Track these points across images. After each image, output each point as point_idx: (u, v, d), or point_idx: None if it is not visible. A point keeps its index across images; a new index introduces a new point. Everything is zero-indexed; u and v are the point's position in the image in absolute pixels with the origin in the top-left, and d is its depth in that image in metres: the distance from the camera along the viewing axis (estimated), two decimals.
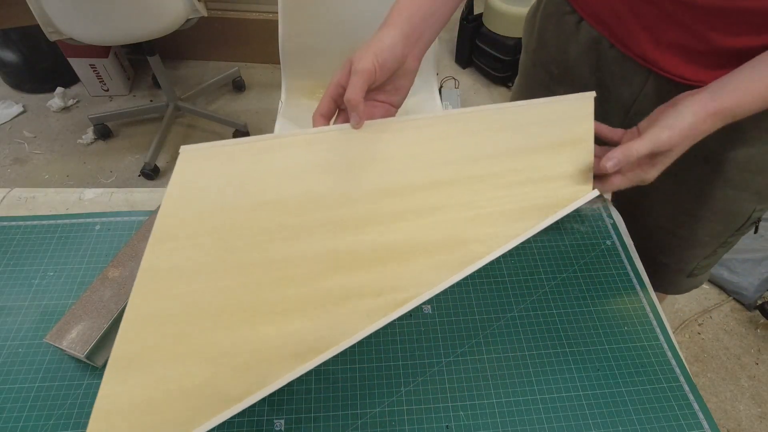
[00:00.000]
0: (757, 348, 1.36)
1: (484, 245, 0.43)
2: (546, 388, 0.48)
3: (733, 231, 0.65)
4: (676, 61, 0.52)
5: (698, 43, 0.49)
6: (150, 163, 1.65)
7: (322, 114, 0.48)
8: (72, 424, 0.45)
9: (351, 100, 0.45)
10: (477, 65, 2.11)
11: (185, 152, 0.48)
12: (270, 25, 1.98)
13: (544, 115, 0.51)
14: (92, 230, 0.59)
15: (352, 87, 0.45)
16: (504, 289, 0.56)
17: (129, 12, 1.31)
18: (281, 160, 0.47)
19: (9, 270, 0.55)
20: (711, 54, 0.49)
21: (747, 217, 0.63)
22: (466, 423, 0.46)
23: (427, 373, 0.49)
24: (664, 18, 0.50)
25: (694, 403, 0.48)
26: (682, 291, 0.77)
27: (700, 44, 0.49)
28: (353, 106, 0.46)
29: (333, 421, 0.46)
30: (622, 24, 0.54)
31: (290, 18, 1.09)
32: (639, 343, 0.52)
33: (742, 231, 0.65)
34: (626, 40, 0.55)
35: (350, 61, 0.47)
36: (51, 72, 1.89)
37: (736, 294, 1.45)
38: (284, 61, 1.17)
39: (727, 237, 0.66)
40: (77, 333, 0.46)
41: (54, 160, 1.74)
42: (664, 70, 0.53)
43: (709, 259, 0.70)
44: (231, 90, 2.02)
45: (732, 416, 1.24)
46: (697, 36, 0.49)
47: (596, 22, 0.58)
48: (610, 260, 0.59)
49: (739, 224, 0.64)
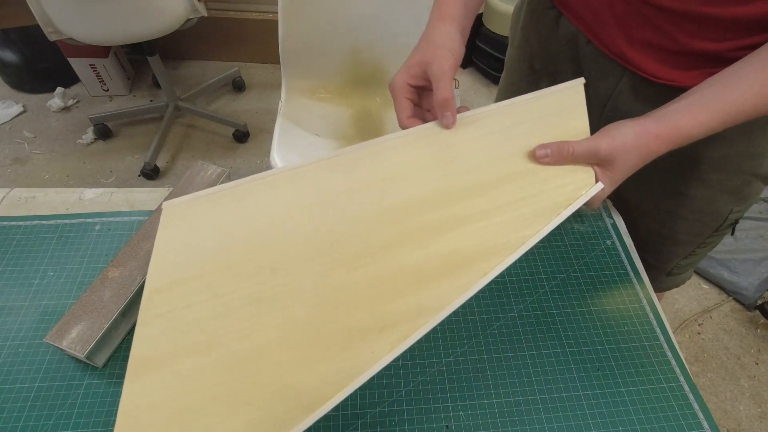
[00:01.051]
0: (757, 348, 1.36)
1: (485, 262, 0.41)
2: (546, 388, 0.48)
3: (711, 232, 0.65)
4: (649, 59, 0.52)
5: (669, 44, 0.50)
6: (150, 163, 1.65)
7: (409, 117, 0.48)
8: (72, 424, 0.45)
9: (448, 99, 0.46)
10: (477, 65, 2.12)
11: (168, 208, 0.48)
12: (270, 25, 1.98)
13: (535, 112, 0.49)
14: (92, 230, 0.59)
15: (445, 87, 0.45)
16: (504, 289, 0.56)
17: (129, 12, 1.30)
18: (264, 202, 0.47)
19: (9, 270, 0.55)
20: (681, 54, 0.50)
21: (724, 218, 0.63)
22: (466, 423, 0.46)
23: (427, 373, 0.49)
24: (638, 17, 0.50)
25: (694, 403, 0.48)
26: (662, 289, 0.77)
27: (670, 45, 0.50)
28: (449, 104, 0.46)
29: (333, 421, 0.46)
30: (599, 21, 0.55)
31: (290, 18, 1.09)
32: (639, 343, 0.52)
33: (721, 232, 0.66)
34: (602, 36, 0.55)
35: (419, 64, 0.47)
36: (51, 72, 1.89)
37: (736, 294, 1.45)
38: (284, 61, 1.17)
39: (705, 237, 0.67)
40: (77, 333, 0.46)
41: (54, 160, 1.74)
42: (638, 68, 0.54)
43: (688, 258, 0.71)
44: (231, 90, 2.02)
45: (732, 416, 1.24)
46: (668, 37, 0.49)
47: (574, 18, 0.58)
48: (610, 260, 0.59)
49: (717, 225, 0.64)
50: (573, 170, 0.46)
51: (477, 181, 0.46)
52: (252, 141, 1.83)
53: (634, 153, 0.43)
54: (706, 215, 0.63)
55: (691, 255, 0.70)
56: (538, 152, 0.45)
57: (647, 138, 0.43)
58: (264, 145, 1.81)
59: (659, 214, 0.65)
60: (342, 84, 1.24)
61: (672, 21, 0.48)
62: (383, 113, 1.24)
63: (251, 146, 1.81)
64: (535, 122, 0.48)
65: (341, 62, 1.19)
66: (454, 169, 0.47)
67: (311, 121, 1.19)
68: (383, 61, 1.19)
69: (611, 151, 0.43)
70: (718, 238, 0.68)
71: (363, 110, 1.25)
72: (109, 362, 0.49)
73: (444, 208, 0.44)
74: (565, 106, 0.49)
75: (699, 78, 0.46)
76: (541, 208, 0.44)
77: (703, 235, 0.66)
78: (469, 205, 0.44)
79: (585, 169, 0.45)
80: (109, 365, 0.49)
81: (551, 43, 0.63)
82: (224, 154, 1.78)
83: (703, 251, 0.70)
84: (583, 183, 0.45)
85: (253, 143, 1.82)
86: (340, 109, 1.24)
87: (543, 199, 0.44)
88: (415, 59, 0.47)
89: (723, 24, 0.45)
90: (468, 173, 0.46)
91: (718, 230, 0.65)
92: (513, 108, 0.50)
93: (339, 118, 1.23)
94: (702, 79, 0.45)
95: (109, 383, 0.47)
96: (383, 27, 1.12)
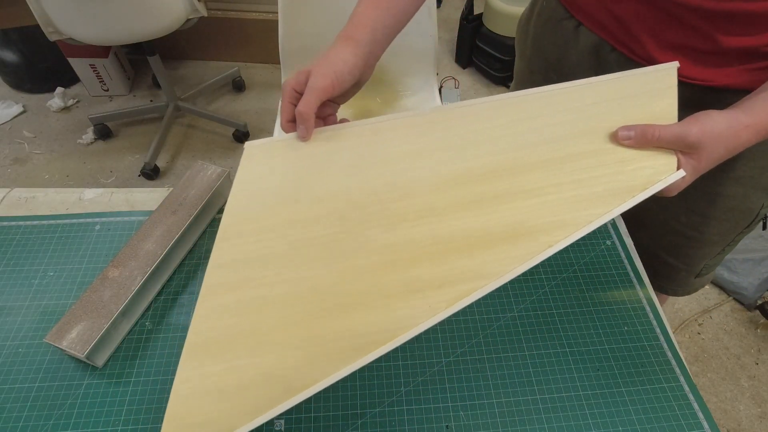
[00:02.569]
0: (757, 348, 1.36)
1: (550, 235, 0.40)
2: (546, 388, 0.48)
3: (742, 228, 0.65)
4: (682, 61, 0.52)
5: (703, 44, 0.49)
6: (150, 163, 1.65)
7: (289, 120, 0.49)
8: (72, 424, 0.45)
9: (303, 113, 0.46)
10: (477, 65, 2.12)
11: (248, 148, 0.51)
12: (270, 25, 1.98)
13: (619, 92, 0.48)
14: (92, 230, 0.59)
15: (305, 101, 0.46)
16: (504, 289, 0.56)
17: (129, 12, 1.30)
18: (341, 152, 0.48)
19: (9, 270, 0.55)
20: (716, 53, 0.49)
21: (756, 214, 0.63)
22: (466, 423, 0.46)
23: (427, 373, 0.49)
24: (668, 20, 0.50)
25: (694, 403, 0.48)
26: (690, 292, 0.76)
27: (705, 44, 0.49)
28: (304, 119, 0.47)
29: (333, 421, 0.46)
30: (624, 28, 0.54)
31: (290, 18, 1.09)
32: (639, 343, 0.52)
33: (751, 228, 0.65)
34: (629, 43, 0.55)
35: (308, 72, 0.47)
36: (51, 72, 1.89)
37: (736, 294, 1.45)
38: (284, 61, 1.17)
39: (735, 235, 0.66)
40: (77, 333, 0.46)
41: (54, 160, 1.74)
42: None
43: (716, 258, 0.70)
44: (231, 90, 2.02)
45: (732, 416, 1.24)
46: (703, 36, 0.49)
47: (596, 27, 0.58)
48: (610, 260, 0.59)
49: (748, 221, 0.64)
50: (654, 154, 0.43)
51: (551, 155, 0.45)
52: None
53: (722, 142, 0.41)
54: (737, 213, 0.62)
55: (720, 254, 0.70)
56: (621, 133, 0.43)
57: (738, 128, 0.41)
58: None
59: (690, 217, 0.64)
60: None
61: (708, 21, 0.47)
62: (383, 113, 1.24)
63: None
64: (618, 102, 0.47)
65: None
66: (529, 140, 0.46)
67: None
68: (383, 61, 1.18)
69: (700, 138, 0.41)
70: (746, 235, 0.67)
71: (363, 110, 1.25)
72: (109, 362, 0.49)
73: (514, 177, 0.44)
74: (652, 88, 0.48)
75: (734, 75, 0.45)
76: (615, 189, 0.42)
77: (733, 233, 0.66)
78: (540, 177, 0.44)
79: (667, 154, 0.43)
80: (109, 365, 0.49)
81: (570, 53, 0.62)
82: (224, 154, 1.78)
83: (730, 248, 0.69)
84: (663, 168, 0.43)
85: None
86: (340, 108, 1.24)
87: (618, 179, 0.42)
88: (306, 68, 0.48)
89: (759, 19, 0.45)
90: (543, 145, 0.46)
91: (749, 227, 0.65)
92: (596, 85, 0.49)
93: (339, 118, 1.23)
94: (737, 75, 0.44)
95: (109, 383, 0.47)
96: None
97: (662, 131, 0.42)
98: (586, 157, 0.44)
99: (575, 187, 0.42)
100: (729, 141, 0.42)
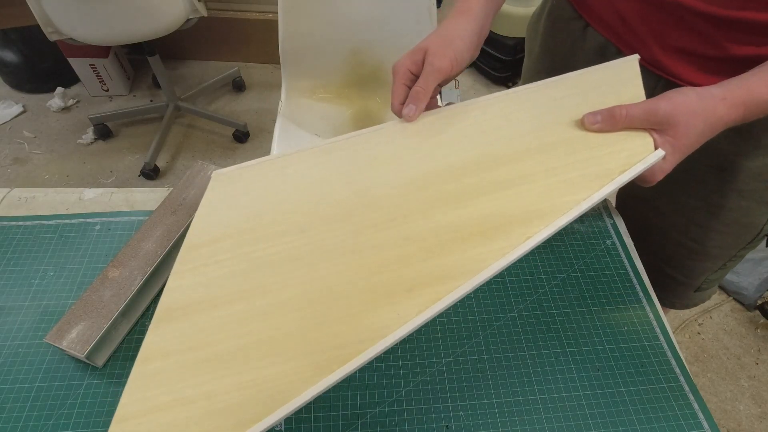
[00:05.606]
0: (757, 348, 1.36)
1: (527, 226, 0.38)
2: (546, 388, 0.48)
3: (745, 244, 0.64)
4: (687, 66, 0.51)
5: (709, 50, 0.49)
6: (150, 163, 1.65)
7: (401, 102, 0.48)
8: (72, 424, 0.45)
9: (420, 93, 0.45)
10: (477, 65, 2.11)
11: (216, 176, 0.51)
12: (270, 25, 1.97)
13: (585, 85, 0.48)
14: (92, 230, 0.59)
15: (424, 82, 0.45)
16: (504, 289, 0.56)
17: (129, 12, 1.30)
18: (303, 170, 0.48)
19: (9, 270, 0.55)
20: (721, 60, 0.49)
21: (759, 230, 0.61)
22: (466, 423, 0.46)
23: (427, 373, 0.49)
24: (674, 24, 0.50)
25: (694, 403, 0.48)
26: (688, 306, 0.75)
27: (711, 51, 0.49)
28: (419, 99, 0.46)
29: (333, 421, 0.46)
30: (630, 30, 0.54)
31: (290, 18, 1.09)
32: (639, 343, 0.52)
33: (754, 244, 0.64)
34: (634, 45, 0.55)
35: (423, 51, 0.46)
36: (51, 72, 1.89)
37: (736, 294, 1.44)
38: (284, 61, 1.17)
39: (737, 250, 0.65)
40: (77, 333, 0.46)
41: (54, 160, 1.74)
42: (675, 76, 0.53)
43: (717, 273, 0.69)
44: (231, 90, 2.02)
45: (732, 416, 1.24)
46: (710, 43, 0.48)
47: (603, 28, 0.58)
48: (610, 260, 0.59)
49: (751, 237, 0.63)
50: (628, 136, 0.42)
51: (521, 148, 0.44)
52: (252, 141, 1.83)
53: (699, 116, 0.40)
54: (740, 227, 0.61)
55: (721, 269, 0.68)
56: (588, 119, 0.42)
57: (713, 101, 0.40)
58: (264, 145, 1.81)
59: (691, 228, 0.64)
60: (342, 84, 1.24)
61: (718, 28, 0.47)
62: (383, 113, 1.24)
63: (251, 146, 1.81)
64: (586, 93, 0.47)
65: (341, 62, 1.19)
66: (498, 136, 0.46)
67: (311, 121, 1.19)
68: (383, 61, 1.19)
69: (671, 112, 0.40)
70: (749, 251, 0.66)
71: (363, 110, 1.25)
72: (109, 362, 0.49)
73: (484, 172, 0.43)
74: (618, 78, 0.48)
75: None
76: (591, 174, 0.40)
77: (735, 248, 0.65)
78: (510, 170, 0.42)
79: (642, 135, 0.42)
80: (109, 365, 0.49)
81: (577, 54, 0.62)
82: (224, 154, 1.78)
83: (732, 264, 0.68)
84: (640, 150, 0.41)
85: (253, 143, 1.82)
86: (340, 109, 1.24)
87: (593, 164, 0.41)
88: (421, 45, 0.47)
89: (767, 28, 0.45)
90: (512, 140, 0.45)
91: (751, 242, 0.63)
92: (562, 81, 0.49)
93: (339, 118, 1.23)
94: None
95: (109, 383, 0.47)
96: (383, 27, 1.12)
97: (630, 108, 0.41)
98: (558, 146, 0.43)
99: (549, 175, 0.41)
100: (707, 114, 0.40)
